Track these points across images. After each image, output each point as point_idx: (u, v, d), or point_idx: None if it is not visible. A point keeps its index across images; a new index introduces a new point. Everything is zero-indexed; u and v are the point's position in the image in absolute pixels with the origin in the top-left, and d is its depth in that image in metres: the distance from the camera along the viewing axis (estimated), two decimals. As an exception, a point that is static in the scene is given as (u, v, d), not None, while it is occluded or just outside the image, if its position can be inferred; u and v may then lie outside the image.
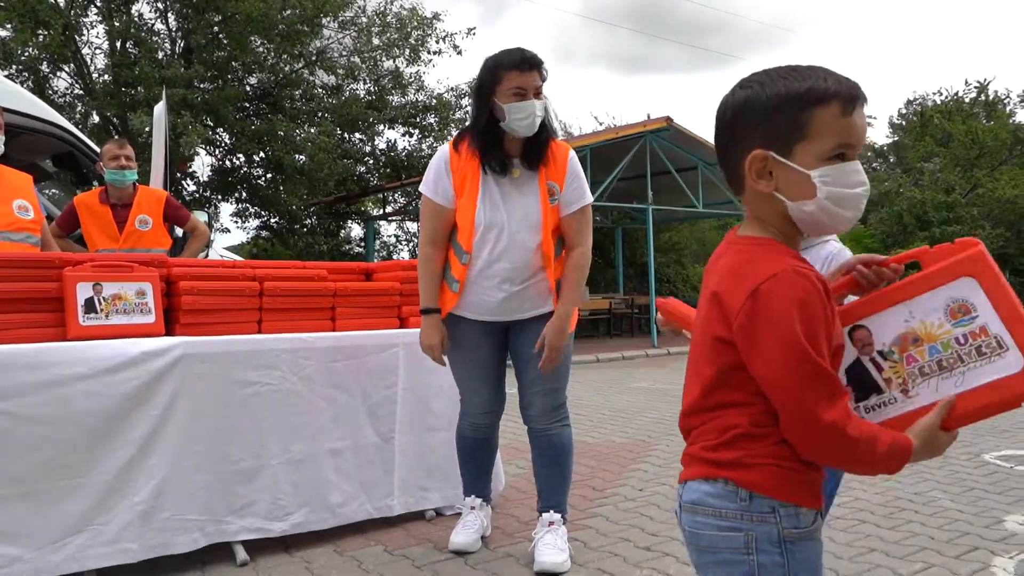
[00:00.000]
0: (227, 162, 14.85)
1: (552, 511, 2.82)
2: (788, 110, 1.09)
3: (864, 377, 1.19)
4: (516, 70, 2.66)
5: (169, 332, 2.81)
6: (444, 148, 2.86)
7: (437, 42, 15.23)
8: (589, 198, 2.84)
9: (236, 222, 16.76)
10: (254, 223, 16.71)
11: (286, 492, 2.89)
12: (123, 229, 3.97)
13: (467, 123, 2.92)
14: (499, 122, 2.69)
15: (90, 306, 2.61)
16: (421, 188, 2.85)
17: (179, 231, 4.95)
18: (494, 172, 2.72)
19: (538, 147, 2.74)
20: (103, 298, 2.64)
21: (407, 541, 3.04)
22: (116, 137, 4.20)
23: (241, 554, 2.78)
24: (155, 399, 2.61)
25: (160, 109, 4.72)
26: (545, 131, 2.76)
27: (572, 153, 2.84)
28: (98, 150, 5.16)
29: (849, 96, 1.09)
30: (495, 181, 2.74)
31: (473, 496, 3.00)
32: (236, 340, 2.82)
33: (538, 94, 2.69)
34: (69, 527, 2.47)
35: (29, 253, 2.81)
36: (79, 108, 13.62)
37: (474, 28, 18.64)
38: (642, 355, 12.01)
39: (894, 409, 1.17)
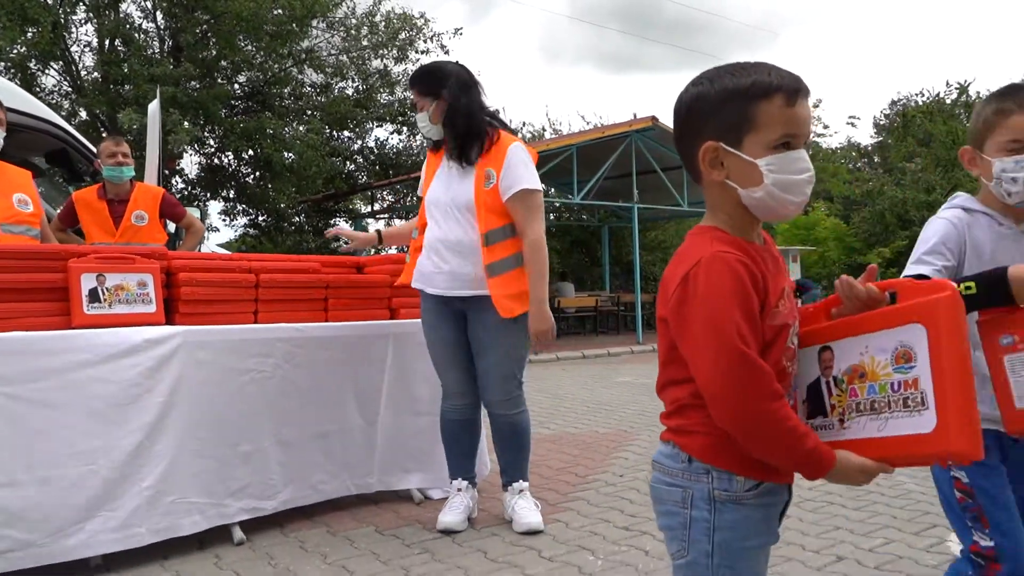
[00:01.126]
0: (215, 160, 14.90)
1: (520, 480, 3.09)
2: (735, 104, 1.18)
3: (818, 397, 1.24)
4: (411, 87, 3.17)
5: (169, 321, 2.93)
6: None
7: (425, 42, 15.37)
8: (528, 184, 2.95)
9: (224, 220, 16.82)
10: (242, 221, 16.78)
11: (276, 472, 3.03)
12: (119, 224, 4.07)
13: None
14: None
15: (94, 296, 2.74)
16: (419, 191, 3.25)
17: (171, 227, 5.07)
18: (449, 159, 3.09)
19: (465, 141, 3.02)
20: (106, 288, 2.76)
21: (396, 522, 3.18)
22: (111, 134, 4.29)
23: (238, 534, 2.91)
24: (159, 386, 2.73)
25: (154, 107, 4.82)
26: (456, 130, 3.01)
27: (515, 145, 3.01)
28: (91, 147, 5.26)
29: (792, 89, 1.18)
30: (448, 172, 3.08)
31: (460, 479, 3.15)
32: (233, 329, 2.95)
33: (418, 108, 3.10)
34: (81, 512, 2.56)
35: (36, 245, 2.93)
36: (66, 106, 13.63)
37: (461, 28, 18.78)
38: (627, 351, 12.18)
39: (828, 435, 1.21)
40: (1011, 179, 1.62)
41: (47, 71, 13.21)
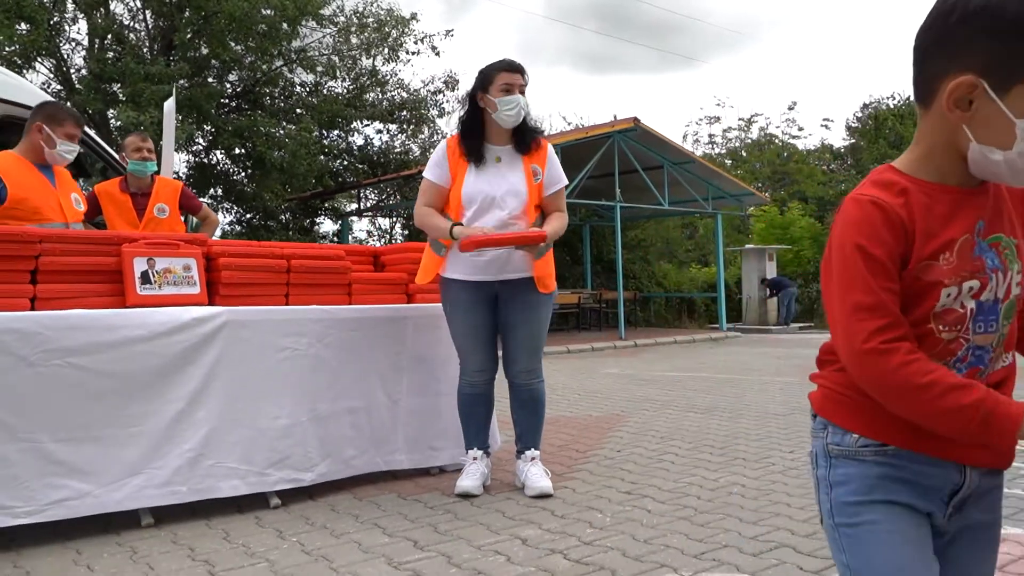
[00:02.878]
0: (205, 158, 15.04)
1: (533, 449, 3.41)
2: None
3: None
4: (506, 71, 3.29)
5: (210, 303, 3.18)
6: (444, 143, 3.45)
7: (415, 43, 15.60)
8: (564, 180, 3.45)
9: (210, 217, 16.90)
10: (227, 218, 16.90)
11: (313, 446, 3.28)
12: (143, 216, 4.30)
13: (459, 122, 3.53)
14: (484, 120, 3.32)
15: (145, 278, 2.98)
16: (424, 173, 3.42)
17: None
18: (472, 159, 3.31)
19: (525, 135, 3.36)
20: (156, 271, 3.01)
21: (417, 490, 3.45)
22: (136, 131, 4.51)
23: (274, 499, 3.17)
24: (202, 359, 2.98)
25: (170, 106, 5.04)
26: (527, 123, 3.36)
27: (551, 145, 3.50)
28: (103, 144, 5.46)
29: None
30: (493, 167, 3.33)
31: (475, 448, 3.44)
32: (271, 310, 3.20)
33: (522, 91, 3.31)
34: (128, 469, 2.83)
35: (93, 232, 3.18)
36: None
37: (452, 30, 19.05)
38: (610, 347, 12.51)
39: None
40: None
41: (37, 68, 13.28)
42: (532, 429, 3.42)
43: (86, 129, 5.42)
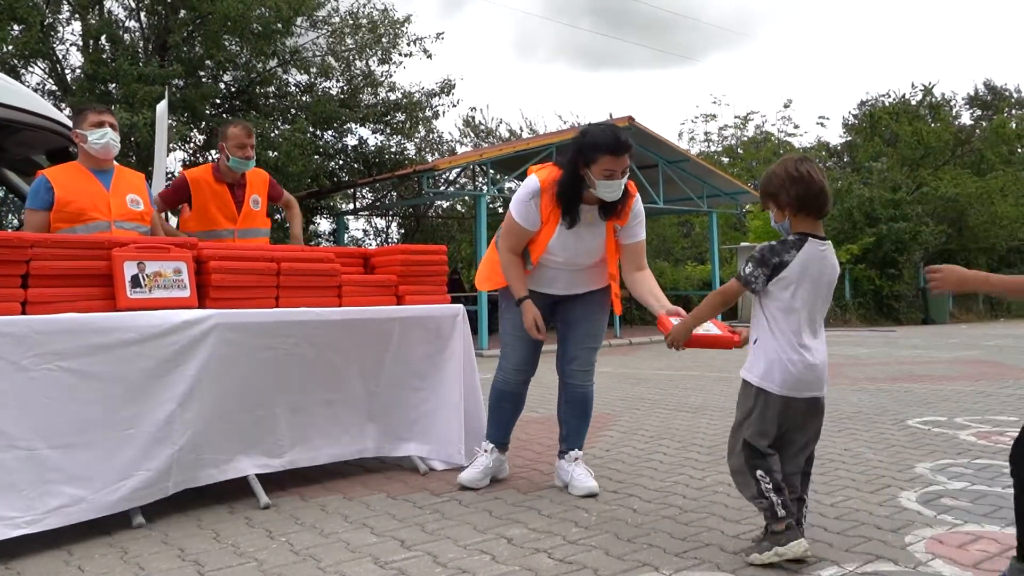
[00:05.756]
0: (199, 158, 15.04)
1: (577, 449, 3.47)
2: None
3: None
4: (611, 155, 3.07)
5: (201, 306, 3.21)
6: (534, 182, 3.30)
7: (408, 45, 15.62)
8: (642, 236, 3.42)
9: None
10: (223, 218, 16.87)
11: (284, 434, 3.35)
12: (240, 209, 4.23)
13: (555, 164, 3.36)
14: (583, 184, 3.17)
15: (135, 282, 3.01)
16: (512, 212, 3.31)
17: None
18: (566, 223, 3.26)
19: (615, 205, 3.25)
20: (146, 275, 3.04)
21: (406, 489, 3.49)
22: (240, 122, 4.30)
23: (264, 498, 3.21)
24: (191, 361, 3.02)
25: (162, 107, 5.07)
26: (624, 193, 3.23)
27: (638, 198, 3.39)
28: (58, 117, 5.31)
29: None
30: (580, 229, 3.31)
31: (488, 440, 3.55)
32: (262, 313, 3.24)
33: (624, 172, 3.14)
34: (122, 472, 2.86)
35: (81, 236, 3.20)
36: (51, 104, 13.69)
37: (443, 33, 19.07)
38: (606, 345, 12.55)
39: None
40: None
41: (31, 69, 13.28)
42: (578, 430, 3.49)
43: (67, 123, 5.38)
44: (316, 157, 14.93)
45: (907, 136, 24.76)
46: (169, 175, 15.52)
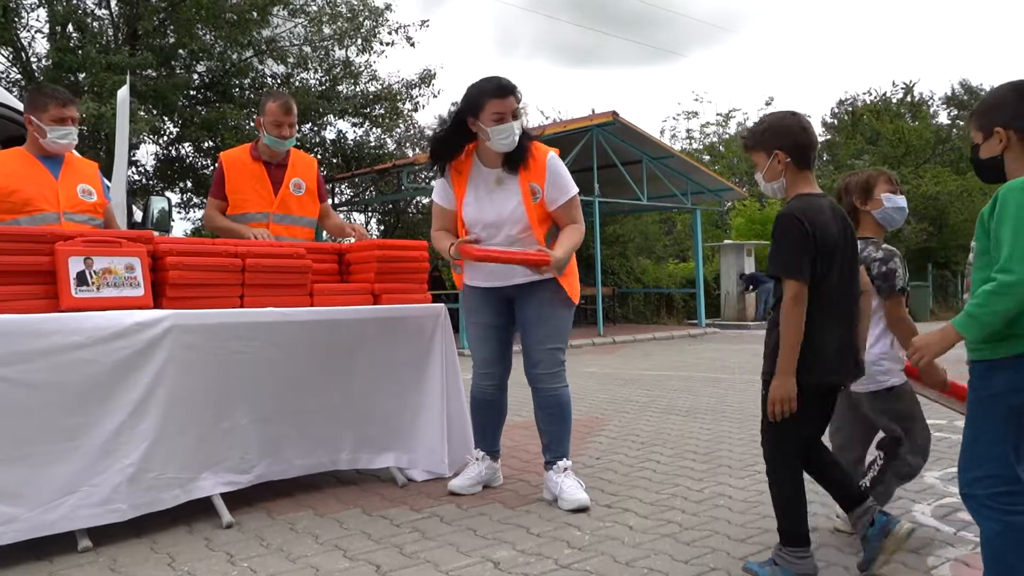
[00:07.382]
0: (172, 151, 14.62)
1: (564, 459, 3.24)
2: None
3: None
4: (495, 98, 3.04)
5: (156, 305, 2.92)
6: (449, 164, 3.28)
7: (390, 33, 15.26)
8: (572, 191, 3.23)
9: (180, 212, 16.51)
10: (198, 213, 16.47)
11: (252, 447, 3.07)
12: (278, 191, 3.74)
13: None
14: (465, 137, 3.15)
15: (82, 279, 2.72)
16: (432, 195, 3.36)
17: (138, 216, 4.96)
18: (441, 174, 3.22)
19: (517, 155, 3.13)
20: (94, 272, 2.75)
21: (383, 504, 3.22)
22: (279, 97, 3.75)
23: (226, 516, 2.93)
24: (147, 367, 2.74)
25: (123, 94, 4.74)
26: (523, 140, 3.13)
27: (551, 155, 3.21)
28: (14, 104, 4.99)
29: None
30: (482, 186, 3.17)
31: (478, 449, 3.40)
32: (222, 313, 2.96)
33: (515, 115, 3.07)
34: (63, 488, 2.58)
35: (21, 228, 2.90)
36: (16, 93, 13.21)
37: (427, 21, 18.73)
38: (589, 343, 12.35)
39: None
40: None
41: (-6, 57, 12.80)
42: (560, 438, 3.27)
43: (5, 94, 5.05)
44: (294, 151, 14.55)
45: (888, 134, 24.79)
46: (140, 169, 15.11)
